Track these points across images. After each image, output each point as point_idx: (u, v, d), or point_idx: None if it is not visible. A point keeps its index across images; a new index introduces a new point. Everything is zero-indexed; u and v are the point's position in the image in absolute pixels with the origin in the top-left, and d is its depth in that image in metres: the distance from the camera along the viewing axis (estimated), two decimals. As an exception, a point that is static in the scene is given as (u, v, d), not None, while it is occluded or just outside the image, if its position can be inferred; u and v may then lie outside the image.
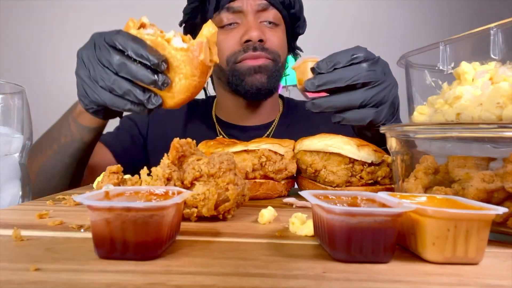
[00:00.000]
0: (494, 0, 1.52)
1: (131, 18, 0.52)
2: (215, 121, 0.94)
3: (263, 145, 0.51)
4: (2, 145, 0.50)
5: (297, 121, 0.97)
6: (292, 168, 0.52)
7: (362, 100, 0.54)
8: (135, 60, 0.49)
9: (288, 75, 1.02)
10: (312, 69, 0.55)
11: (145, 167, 0.36)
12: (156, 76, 0.49)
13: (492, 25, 0.36)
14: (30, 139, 0.57)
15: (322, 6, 1.56)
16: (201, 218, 0.36)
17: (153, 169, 0.35)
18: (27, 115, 0.56)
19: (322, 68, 0.54)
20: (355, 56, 0.54)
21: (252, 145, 0.50)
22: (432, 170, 0.36)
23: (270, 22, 0.84)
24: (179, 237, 0.30)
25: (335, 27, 1.55)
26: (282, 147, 0.52)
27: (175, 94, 0.51)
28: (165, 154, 0.36)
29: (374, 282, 0.22)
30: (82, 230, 0.31)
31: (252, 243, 0.29)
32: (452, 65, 0.41)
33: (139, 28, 0.52)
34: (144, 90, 0.50)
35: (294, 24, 0.91)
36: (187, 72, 0.49)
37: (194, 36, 0.84)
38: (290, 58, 0.99)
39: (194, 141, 0.38)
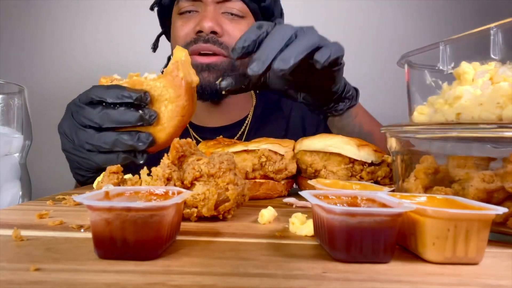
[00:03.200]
0: (494, 0, 1.52)
1: (103, 76, 0.52)
2: (187, 125, 0.91)
3: (263, 145, 0.51)
4: (2, 145, 0.50)
5: (269, 112, 0.94)
6: (292, 168, 0.52)
7: (319, 38, 0.49)
8: (114, 107, 0.48)
9: None
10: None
11: (145, 167, 0.36)
12: (141, 111, 0.48)
13: (492, 25, 0.36)
14: (30, 139, 0.57)
15: (321, 7, 1.56)
16: (201, 218, 0.36)
17: (153, 169, 0.35)
18: (27, 115, 0.56)
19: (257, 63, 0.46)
20: (262, 29, 0.48)
21: (252, 145, 0.50)
22: (432, 170, 0.36)
23: (233, 14, 0.78)
24: (179, 237, 0.30)
25: (334, 27, 1.56)
26: (282, 147, 0.52)
27: (165, 124, 0.49)
28: (165, 154, 0.36)
29: (374, 282, 0.22)
30: (82, 230, 0.31)
31: (252, 243, 0.29)
32: (452, 65, 0.41)
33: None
34: (131, 133, 0.49)
35: (267, 20, 0.84)
36: (171, 95, 0.48)
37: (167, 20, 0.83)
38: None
39: (194, 141, 0.38)
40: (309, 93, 0.63)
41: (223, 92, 0.57)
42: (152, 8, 0.90)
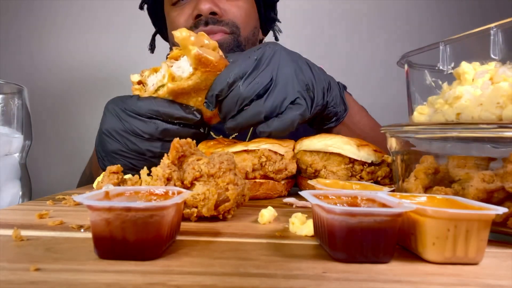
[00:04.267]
0: (494, 0, 1.52)
1: (132, 74, 0.54)
2: None
3: (263, 145, 0.51)
4: (2, 145, 0.50)
5: None
6: (292, 168, 0.52)
7: (264, 113, 0.50)
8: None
9: None
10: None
11: (145, 167, 0.36)
12: (198, 129, 0.52)
13: (492, 25, 0.36)
14: (30, 139, 0.57)
15: (321, 5, 1.56)
16: (201, 218, 0.36)
17: (153, 169, 0.35)
18: (27, 115, 0.56)
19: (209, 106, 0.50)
20: (230, 81, 0.49)
21: (252, 145, 0.50)
22: (432, 170, 0.36)
23: None
24: (179, 237, 0.30)
25: (335, 26, 1.56)
26: (282, 147, 0.52)
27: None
28: (165, 154, 0.36)
29: (374, 282, 0.22)
30: (82, 230, 0.31)
31: (252, 243, 0.29)
32: (452, 65, 0.41)
33: (139, 83, 0.54)
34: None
35: None
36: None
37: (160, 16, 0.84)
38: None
39: (194, 141, 0.38)
40: None
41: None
42: (141, 7, 0.88)
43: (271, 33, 0.97)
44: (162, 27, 0.90)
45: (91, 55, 1.54)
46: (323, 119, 0.62)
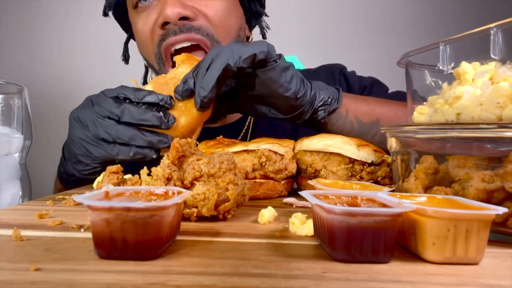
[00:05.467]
0: (494, 0, 1.52)
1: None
2: None
3: (263, 145, 0.51)
4: (2, 145, 0.50)
5: None
6: (292, 168, 0.52)
7: (230, 52, 0.47)
8: (137, 105, 0.50)
9: None
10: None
11: (145, 167, 0.36)
12: (162, 113, 0.49)
13: (492, 25, 0.36)
14: (30, 139, 0.57)
15: (323, 5, 1.57)
16: (201, 218, 0.36)
17: (153, 169, 0.35)
18: (27, 115, 0.56)
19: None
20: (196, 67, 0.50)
21: (252, 145, 0.50)
22: (432, 170, 0.36)
23: None
24: (179, 237, 0.30)
25: (336, 26, 1.56)
26: (282, 147, 0.52)
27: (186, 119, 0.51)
28: (165, 154, 0.36)
29: (374, 282, 0.22)
30: (82, 230, 0.31)
31: (252, 243, 0.29)
32: (452, 65, 0.41)
33: None
34: (153, 132, 0.50)
35: None
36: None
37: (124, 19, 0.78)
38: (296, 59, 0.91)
39: (194, 141, 0.38)
40: (271, 105, 0.56)
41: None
42: (105, 14, 0.75)
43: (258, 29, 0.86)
44: (133, 34, 0.80)
45: (92, 55, 1.54)
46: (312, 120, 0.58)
